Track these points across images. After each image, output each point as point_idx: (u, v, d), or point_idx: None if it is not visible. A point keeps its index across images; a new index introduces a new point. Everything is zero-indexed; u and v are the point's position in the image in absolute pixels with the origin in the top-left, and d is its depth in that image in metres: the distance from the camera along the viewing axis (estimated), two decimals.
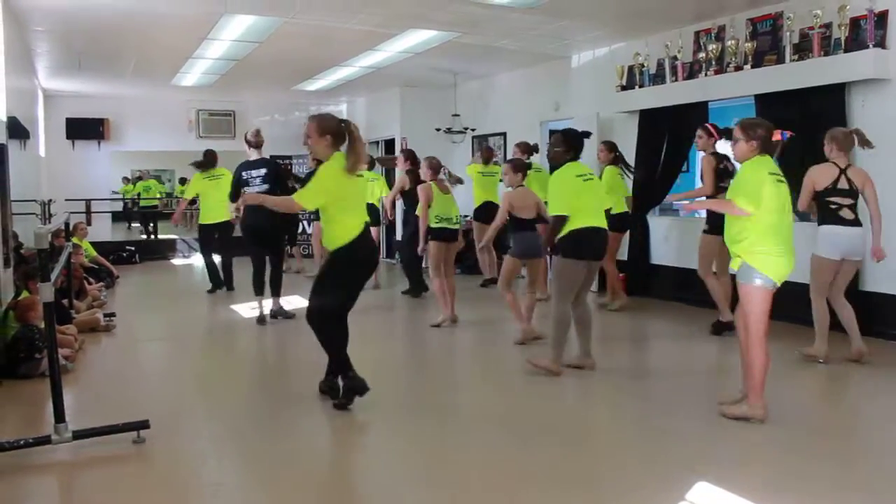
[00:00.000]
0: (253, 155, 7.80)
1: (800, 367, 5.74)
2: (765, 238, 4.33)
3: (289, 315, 7.79)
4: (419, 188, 7.54)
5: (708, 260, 6.74)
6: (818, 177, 5.75)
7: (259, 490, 3.69)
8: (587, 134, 5.83)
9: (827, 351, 5.81)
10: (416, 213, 7.74)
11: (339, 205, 4.66)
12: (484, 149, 10.31)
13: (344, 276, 4.76)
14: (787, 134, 4.57)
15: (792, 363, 5.79)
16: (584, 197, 5.45)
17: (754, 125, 4.48)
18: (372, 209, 8.41)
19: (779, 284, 4.38)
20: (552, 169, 5.83)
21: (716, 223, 6.72)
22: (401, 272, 10.09)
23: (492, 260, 9.73)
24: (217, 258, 9.79)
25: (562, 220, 5.40)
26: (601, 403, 5.25)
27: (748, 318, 4.41)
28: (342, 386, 4.82)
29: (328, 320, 4.76)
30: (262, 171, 7.70)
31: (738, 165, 5.08)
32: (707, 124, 6.97)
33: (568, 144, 5.60)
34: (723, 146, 6.82)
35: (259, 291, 7.74)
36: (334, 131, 4.69)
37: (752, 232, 4.33)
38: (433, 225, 7.36)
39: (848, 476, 3.79)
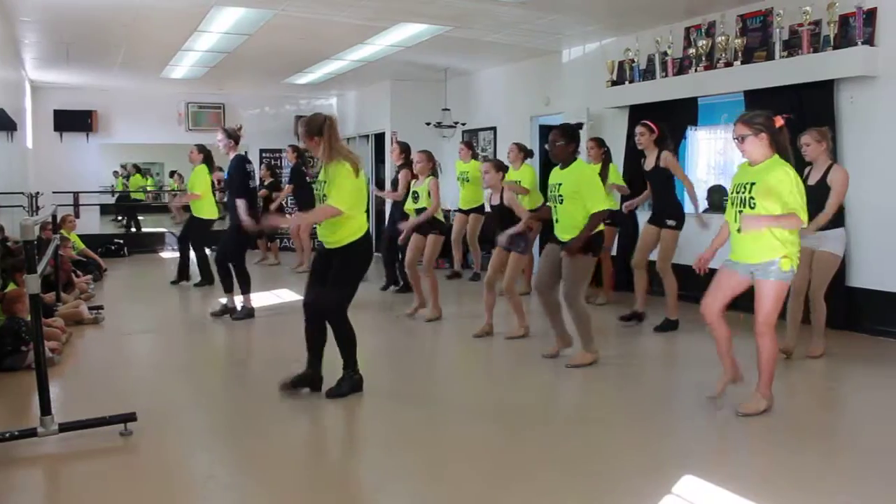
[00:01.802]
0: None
1: (783, 362, 5.77)
2: (797, 237, 4.38)
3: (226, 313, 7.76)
4: (433, 182, 7.36)
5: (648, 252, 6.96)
6: None
7: (249, 482, 3.69)
8: (580, 126, 5.89)
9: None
10: (409, 206, 7.68)
11: (357, 204, 4.87)
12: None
13: (363, 268, 5.05)
14: (785, 116, 4.46)
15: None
16: None
17: (754, 116, 4.41)
18: None
19: None
20: (551, 164, 5.82)
21: (657, 213, 6.92)
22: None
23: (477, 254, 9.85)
24: (192, 253, 9.75)
25: (605, 214, 5.53)
26: (589, 396, 5.27)
27: (772, 315, 4.37)
28: (345, 380, 4.91)
29: (345, 314, 4.90)
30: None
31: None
32: (646, 121, 6.97)
33: (569, 138, 5.60)
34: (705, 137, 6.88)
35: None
36: (321, 130, 4.85)
37: (796, 235, 4.34)
38: (440, 217, 7.44)
39: (833, 468, 3.82)
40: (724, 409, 4.59)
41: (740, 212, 4.39)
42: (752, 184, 4.34)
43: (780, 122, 4.38)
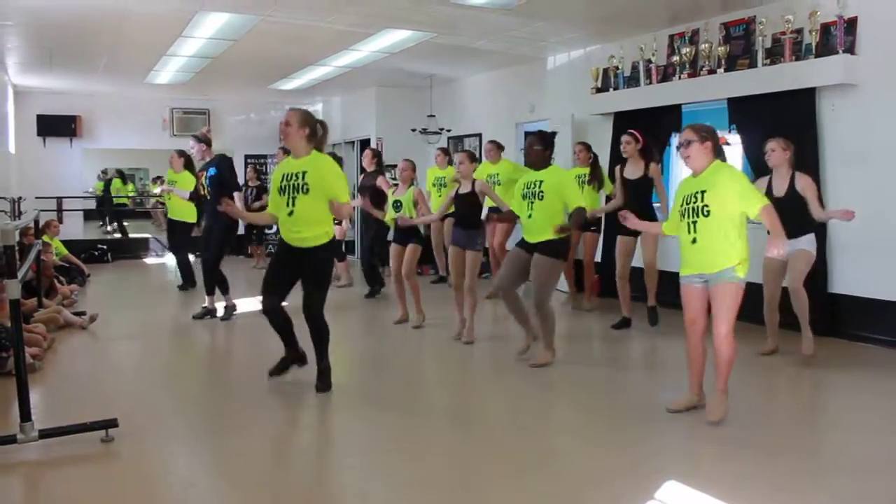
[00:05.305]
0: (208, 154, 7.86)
1: (761, 366, 5.83)
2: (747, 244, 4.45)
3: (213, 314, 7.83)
4: (418, 191, 7.39)
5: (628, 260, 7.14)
6: None
7: (230, 488, 3.67)
8: (555, 134, 6.08)
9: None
10: (390, 217, 7.67)
11: None
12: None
13: (332, 265, 5.39)
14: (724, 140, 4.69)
15: (755, 363, 5.88)
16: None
17: (703, 126, 4.56)
18: None
19: None
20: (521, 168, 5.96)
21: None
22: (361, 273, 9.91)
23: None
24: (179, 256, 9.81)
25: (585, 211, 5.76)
26: (570, 401, 5.28)
27: (732, 318, 4.39)
28: (324, 371, 5.09)
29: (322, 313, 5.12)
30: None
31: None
32: (632, 130, 7.13)
33: (546, 143, 5.82)
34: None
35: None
36: (313, 127, 5.01)
37: (744, 239, 4.40)
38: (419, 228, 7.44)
39: (811, 470, 3.85)
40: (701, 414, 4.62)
41: (694, 223, 4.39)
42: (704, 191, 4.38)
43: (723, 140, 4.57)
